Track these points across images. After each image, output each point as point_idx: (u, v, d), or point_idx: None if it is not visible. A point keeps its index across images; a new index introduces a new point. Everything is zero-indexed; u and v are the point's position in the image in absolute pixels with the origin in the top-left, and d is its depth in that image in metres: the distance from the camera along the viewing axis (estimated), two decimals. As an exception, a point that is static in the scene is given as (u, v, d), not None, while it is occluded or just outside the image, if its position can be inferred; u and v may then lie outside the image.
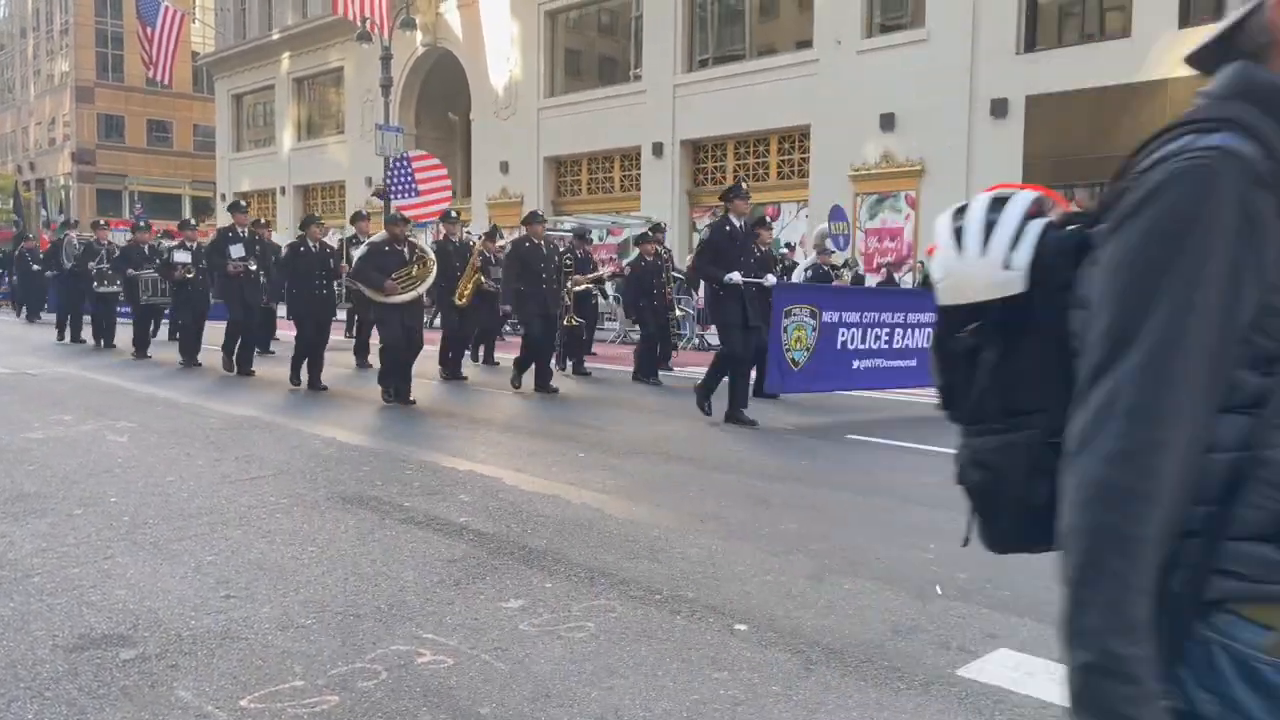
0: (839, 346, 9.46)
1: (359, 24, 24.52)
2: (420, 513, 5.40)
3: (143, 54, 29.87)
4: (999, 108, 18.47)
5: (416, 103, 31.55)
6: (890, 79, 19.69)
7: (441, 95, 31.42)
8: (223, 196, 39.23)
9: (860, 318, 9.64)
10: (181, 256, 12.65)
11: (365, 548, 4.74)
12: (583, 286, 13.11)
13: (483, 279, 11.84)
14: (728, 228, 8.66)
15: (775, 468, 6.91)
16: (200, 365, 12.33)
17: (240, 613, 3.86)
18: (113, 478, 6.11)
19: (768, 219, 11.66)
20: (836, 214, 19.06)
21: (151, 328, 14.39)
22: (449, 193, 13.40)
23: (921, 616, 3.93)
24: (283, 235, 26.49)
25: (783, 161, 22.54)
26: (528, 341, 10.84)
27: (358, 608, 3.92)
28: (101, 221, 17.37)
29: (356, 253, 10.76)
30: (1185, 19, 16.62)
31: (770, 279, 9.19)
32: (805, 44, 21.68)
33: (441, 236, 13.17)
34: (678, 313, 13.10)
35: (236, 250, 11.72)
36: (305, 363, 10.56)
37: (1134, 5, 17.13)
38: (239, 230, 12.12)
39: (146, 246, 14.19)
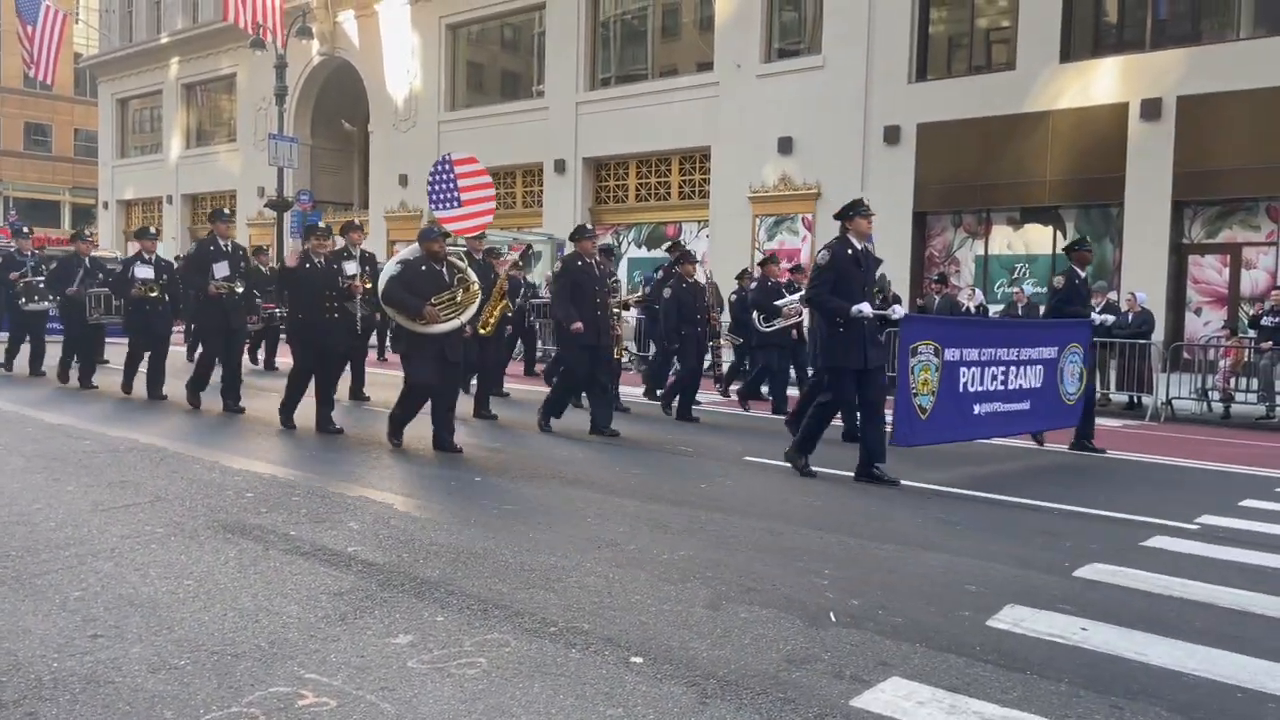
0: (960, 389, 8.22)
1: (252, 31, 23.90)
2: (306, 542, 5.20)
3: (23, 53, 28.56)
4: (892, 134, 18.97)
5: (313, 112, 30.87)
6: (788, 104, 20.07)
7: (339, 105, 30.81)
8: (104, 204, 37.74)
9: (979, 354, 8.47)
10: (143, 271, 11.01)
11: (246, 580, 4.53)
12: (628, 311, 11.81)
13: (509, 305, 10.79)
14: (850, 251, 7.46)
15: (672, 492, 6.89)
16: (166, 398, 10.90)
17: (108, 654, 3.64)
18: (-27, 506, 5.74)
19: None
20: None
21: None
22: (494, 203, 11.72)
23: (815, 645, 3.93)
24: (168, 246, 25.61)
25: (684, 181, 22.73)
26: (568, 377, 9.61)
27: (236, 646, 3.73)
28: (24, 230, 15.52)
29: (386, 270, 8.96)
30: (1066, 54, 17.37)
31: (899, 310, 8.47)
32: (706, 66, 21.94)
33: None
34: (724, 341, 11.89)
35: (221, 269, 10.05)
36: (307, 399, 9.22)
37: (1019, 39, 17.82)
38: (222, 243, 10.32)
39: (88, 259, 12.51)
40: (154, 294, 10.92)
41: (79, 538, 5.16)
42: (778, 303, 11.43)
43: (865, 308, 7.30)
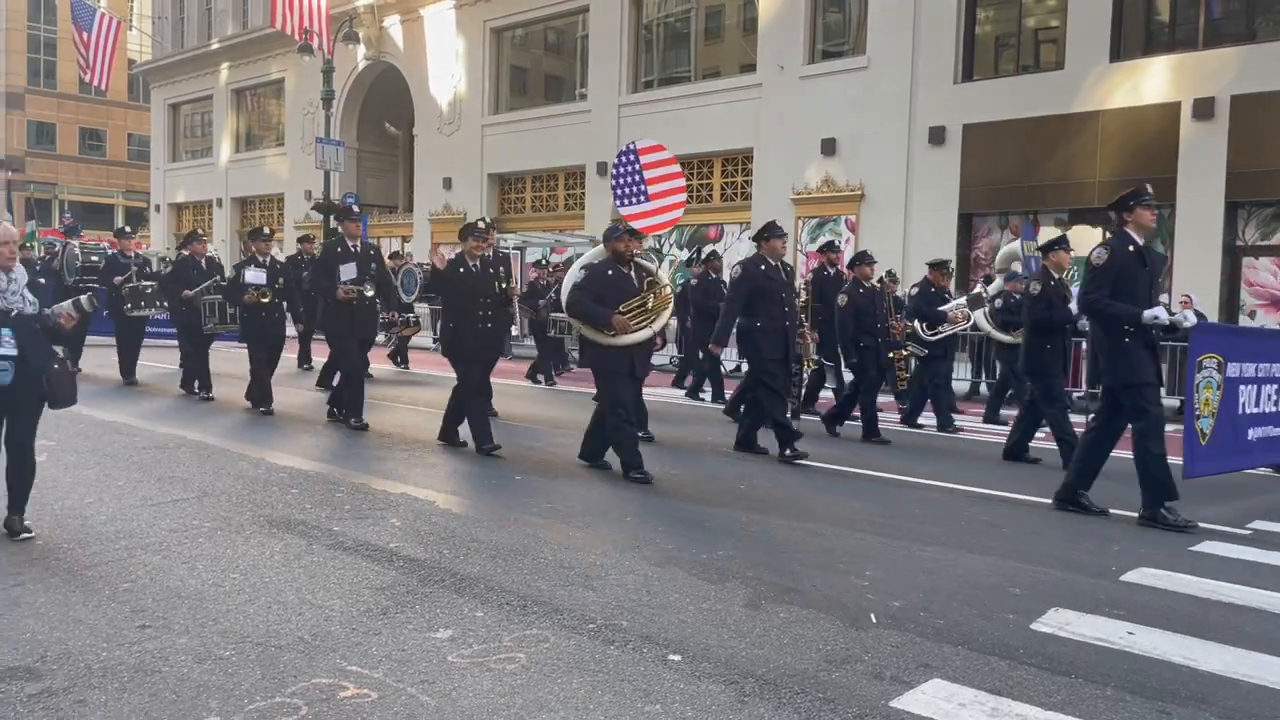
0: (1239, 410, 7.27)
1: (299, 37, 24.22)
2: (349, 537, 5.26)
3: (79, 59, 29.20)
4: (937, 135, 18.78)
5: (359, 116, 31.22)
6: (832, 105, 19.95)
7: (384, 110, 31.14)
8: (156, 207, 38.44)
9: (1257, 370, 7.47)
10: (254, 276, 10.15)
11: (290, 574, 4.60)
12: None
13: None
14: (1131, 247, 6.42)
15: (711, 492, 6.87)
16: (273, 413, 10.04)
17: (155, 644, 3.70)
18: (28, 500, 5.85)
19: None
20: (1027, 232, 16.01)
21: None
22: (684, 195, 10.32)
23: (856, 645, 3.90)
24: (217, 249, 26.03)
25: (726, 183, 22.67)
26: (761, 395, 8.43)
27: (280, 638, 3.79)
28: (127, 229, 14.22)
29: (570, 276, 8.22)
30: (1117, 53, 17.09)
31: (1190, 316, 7.71)
32: (749, 68, 21.88)
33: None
34: (908, 351, 10.65)
35: (348, 270, 9.14)
36: (463, 416, 8.47)
37: (1067, 38, 17.57)
38: (350, 244, 9.39)
39: (204, 260, 11.60)
40: (266, 299, 10.08)
41: (128, 531, 5.26)
42: (942, 308, 10.74)
43: (1161, 313, 6.29)
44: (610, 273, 7.31)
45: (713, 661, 3.68)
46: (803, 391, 10.08)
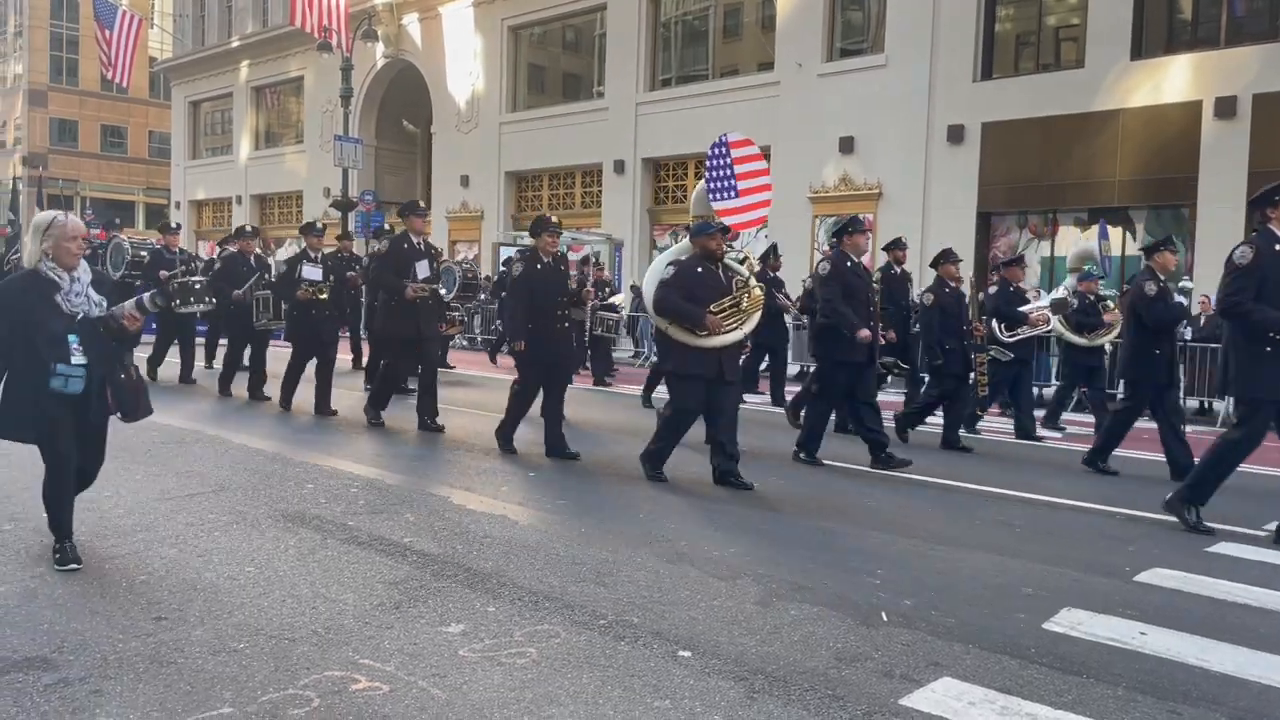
0: None
1: (318, 36, 24.34)
2: (363, 532, 5.30)
3: (101, 55, 29.47)
4: (955, 134, 18.71)
5: (377, 114, 31.34)
6: (850, 103, 19.90)
7: (402, 107, 31.25)
8: (176, 204, 38.71)
9: None
10: (311, 272, 9.75)
11: (305, 568, 4.63)
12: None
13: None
14: (1277, 246, 5.92)
15: (725, 490, 6.87)
16: (336, 413, 9.70)
17: (171, 635, 3.74)
18: (47, 492, 5.93)
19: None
20: (1103, 230, 15.69)
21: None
22: (770, 191, 9.88)
23: (866, 644, 3.90)
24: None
25: (743, 182, 22.64)
26: (826, 394, 8.16)
27: (293, 631, 3.82)
28: (173, 225, 13.71)
29: (654, 272, 7.65)
30: (1138, 51, 16.97)
31: None
32: (767, 66, 21.85)
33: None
34: (993, 354, 10.09)
35: (423, 268, 8.85)
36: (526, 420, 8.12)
37: (1088, 36, 17.46)
38: (415, 240, 9.08)
39: (252, 257, 11.30)
40: (323, 296, 9.72)
41: (145, 524, 5.32)
42: (1022, 309, 10.32)
43: None
44: (700, 270, 6.91)
45: (723, 658, 3.69)
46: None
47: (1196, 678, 3.68)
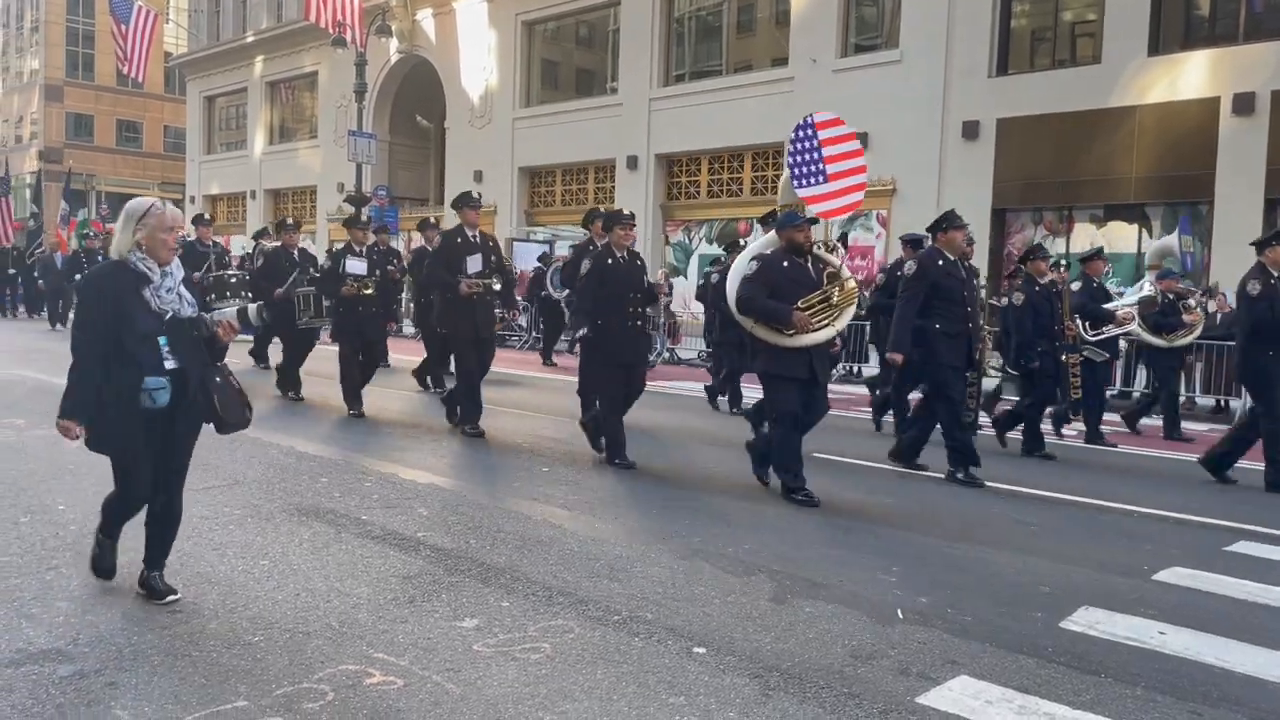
0: None
1: (332, 31, 24.37)
2: (378, 526, 5.30)
3: (117, 50, 29.60)
4: (970, 130, 18.61)
5: (391, 109, 31.37)
6: (864, 99, 19.78)
7: (416, 103, 31.27)
8: (191, 199, 38.84)
9: None
10: (355, 266, 9.38)
11: (319, 562, 4.63)
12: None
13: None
14: None
15: (740, 486, 6.85)
16: (364, 416, 9.31)
17: (185, 628, 3.75)
18: (62, 485, 5.96)
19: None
20: (1184, 225, 15.15)
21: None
22: (865, 175, 8.78)
23: (882, 641, 3.88)
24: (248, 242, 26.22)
25: (756, 178, 22.59)
26: (940, 409, 7.49)
27: (308, 625, 3.82)
28: (206, 216, 13.21)
29: (737, 268, 7.00)
30: (1155, 47, 16.84)
31: None
32: (781, 62, 21.77)
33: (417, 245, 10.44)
34: (1085, 355, 9.51)
35: (474, 263, 8.41)
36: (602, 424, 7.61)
37: (1104, 32, 17.33)
38: (470, 233, 8.55)
39: (296, 252, 10.90)
40: (369, 291, 9.41)
41: (161, 517, 5.32)
42: (1107, 306, 9.82)
43: None
44: (786, 264, 6.41)
45: (738, 655, 3.67)
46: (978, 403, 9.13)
47: (1217, 678, 3.64)
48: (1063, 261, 11.89)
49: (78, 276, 18.25)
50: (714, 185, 23.39)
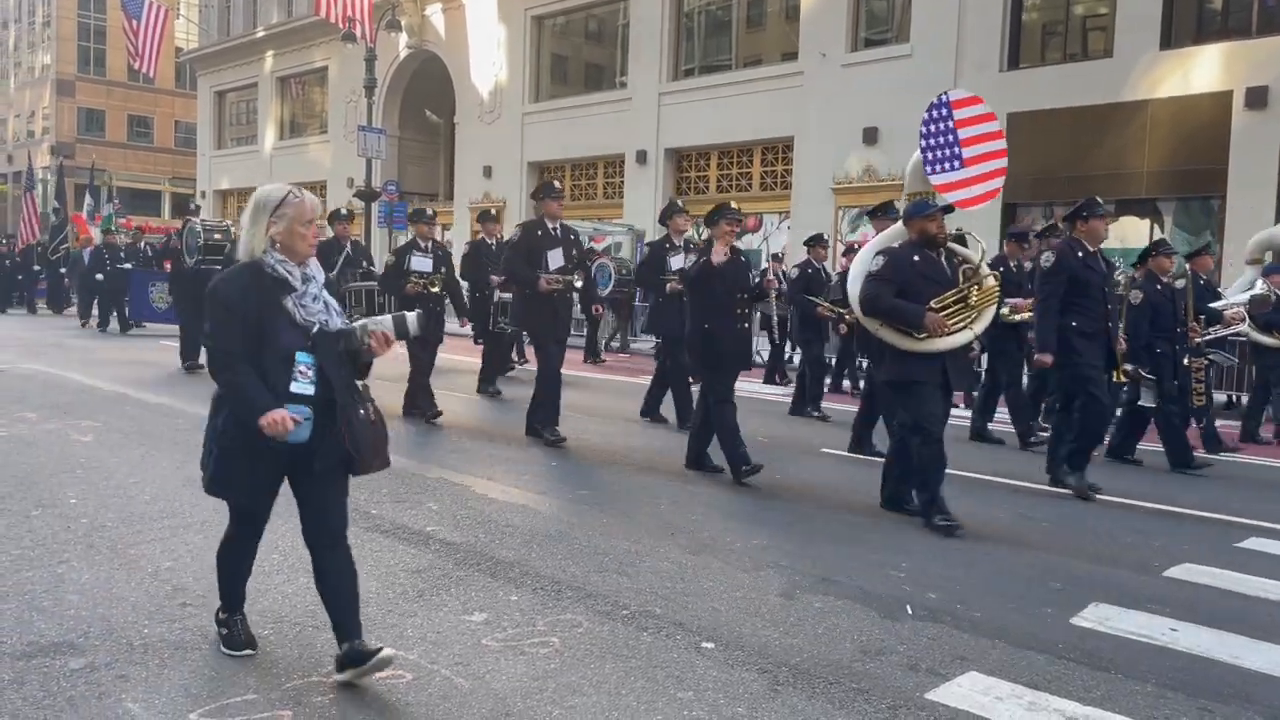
0: None
1: (342, 25, 24.39)
2: (387, 521, 5.31)
3: (128, 46, 29.68)
4: (981, 124, 18.52)
5: (400, 104, 31.40)
6: (874, 93, 19.73)
7: (426, 98, 31.29)
8: (202, 194, 38.96)
9: None
10: (420, 263, 8.94)
11: (328, 556, 4.64)
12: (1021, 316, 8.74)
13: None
14: None
15: (748, 481, 6.83)
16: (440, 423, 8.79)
17: (195, 621, 3.76)
18: (73, 478, 5.98)
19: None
20: None
21: None
22: (1004, 160, 7.98)
23: (890, 637, 3.87)
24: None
25: (766, 172, 22.54)
26: (1092, 408, 6.84)
27: (317, 619, 3.82)
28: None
29: (861, 263, 6.39)
30: (1167, 41, 16.74)
31: None
32: (790, 56, 21.71)
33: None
34: (1213, 358, 8.87)
35: (555, 258, 8.04)
36: (713, 433, 7.07)
37: (1116, 26, 17.24)
38: (550, 226, 8.20)
39: (349, 244, 10.39)
40: (435, 289, 9.00)
41: (171, 511, 5.35)
42: (1214, 305, 9.17)
43: None
44: (917, 259, 5.78)
45: (746, 650, 3.67)
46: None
47: (1228, 675, 3.63)
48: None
49: (99, 277, 18.34)
50: (723, 180, 23.35)
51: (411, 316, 3.35)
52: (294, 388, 3.15)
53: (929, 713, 3.21)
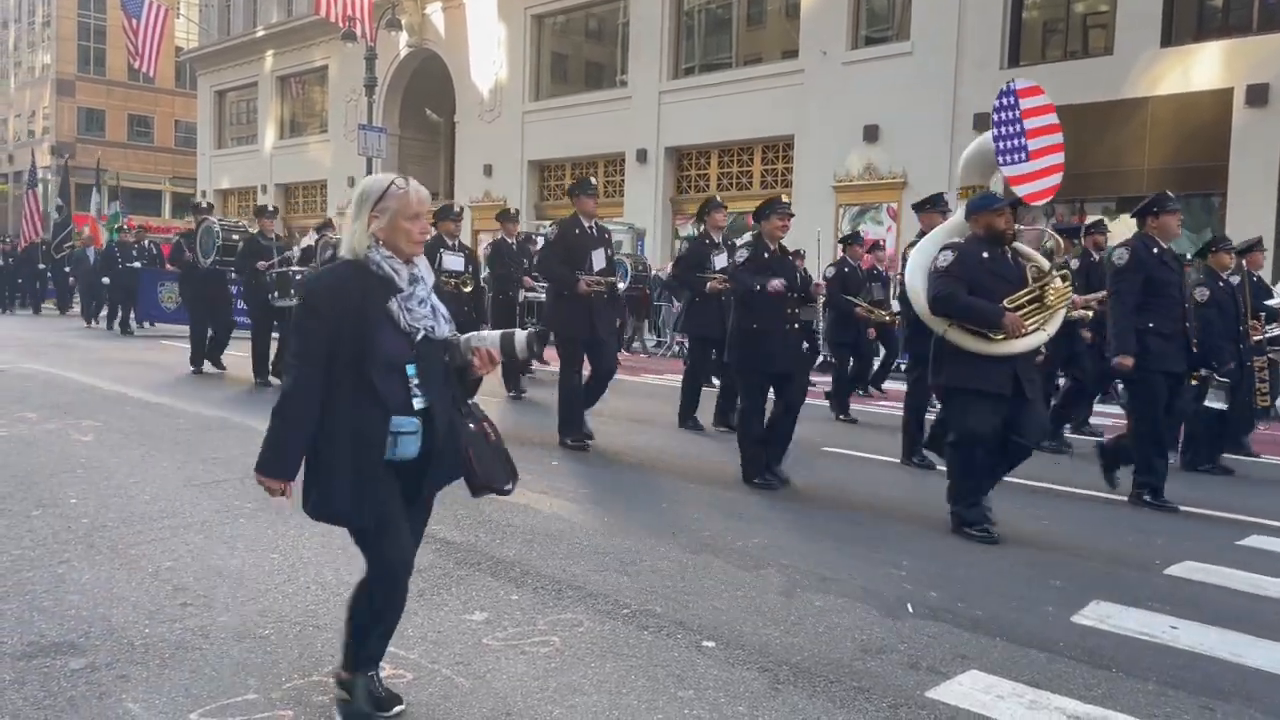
0: None
1: (342, 24, 24.39)
2: (388, 520, 5.30)
3: (128, 45, 29.68)
4: (982, 122, 18.45)
5: (401, 103, 31.39)
6: (875, 91, 19.73)
7: (426, 96, 31.29)
8: (203, 193, 38.96)
9: None
10: (452, 262, 8.67)
11: (329, 555, 4.64)
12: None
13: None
14: None
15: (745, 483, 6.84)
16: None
17: (196, 621, 3.76)
18: (74, 478, 5.98)
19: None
20: None
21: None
22: (1062, 155, 7.64)
23: (891, 635, 3.87)
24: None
25: (766, 171, 22.54)
26: (1144, 415, 6.53)
27: (318, 618, 3.83)
28: (270, 208, 11.97)
29: (918, 258, 6.10)
30: (1168, 38, 16.73)
31: None
32: (791, 54, 21.70)
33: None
34: (1274, 356, 8.61)
35: (599, 258, 7.78)
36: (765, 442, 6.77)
37: (1117, 23, 17.23)
38: (586, 224, 7.88)
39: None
40: (467, 288, 8.83)
41: (171, 510, 5.34)
42: (1269, 302, 8.86)
43: None
44: (986, 256, 5.46)
45: (747, 649, 3.67)
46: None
47: (1230, 673, 3.62)
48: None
49: (105, 280, 18.32)
50: (724, 178, 23.34)
51: (521, 335, 3.03)
52: (417, 403, 2.86)
53: (930, 711, 3.21)
